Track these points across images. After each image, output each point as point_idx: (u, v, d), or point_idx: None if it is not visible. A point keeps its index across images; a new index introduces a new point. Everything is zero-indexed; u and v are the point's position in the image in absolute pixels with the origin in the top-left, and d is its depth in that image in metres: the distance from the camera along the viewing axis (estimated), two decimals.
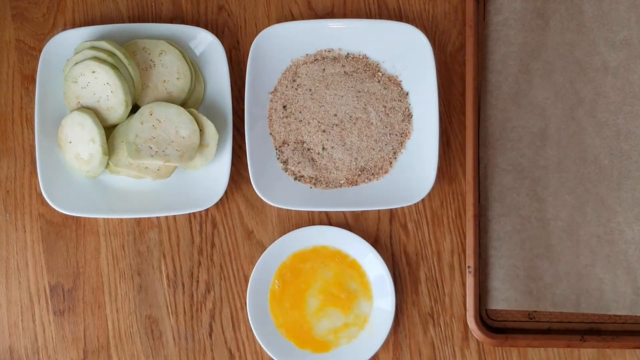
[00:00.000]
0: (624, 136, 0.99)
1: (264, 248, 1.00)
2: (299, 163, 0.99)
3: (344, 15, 1.02)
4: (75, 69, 0.94)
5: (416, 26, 1.00)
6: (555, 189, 0.99)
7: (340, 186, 1.00)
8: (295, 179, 1.00)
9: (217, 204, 1.01)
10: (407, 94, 1.00)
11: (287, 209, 1.01)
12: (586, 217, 0.98)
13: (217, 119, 0.99)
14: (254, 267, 0.99)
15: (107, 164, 0.96)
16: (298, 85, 1.00)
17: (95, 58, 0.94)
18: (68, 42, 0.97)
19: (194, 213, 1.01)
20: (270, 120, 1.00)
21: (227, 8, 1.03)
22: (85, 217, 1.01)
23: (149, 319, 1.01)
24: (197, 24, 1.02)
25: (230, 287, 1.01)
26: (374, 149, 0.99)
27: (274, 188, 0.98)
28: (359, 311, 0.99)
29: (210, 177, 0.99)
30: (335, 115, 1.00)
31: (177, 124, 0.95)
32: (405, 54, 0.99)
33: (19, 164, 1.01)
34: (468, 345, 1.00)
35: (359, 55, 1.01)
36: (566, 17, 1.00)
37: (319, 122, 1.00)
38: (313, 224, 1.01)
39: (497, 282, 0.98)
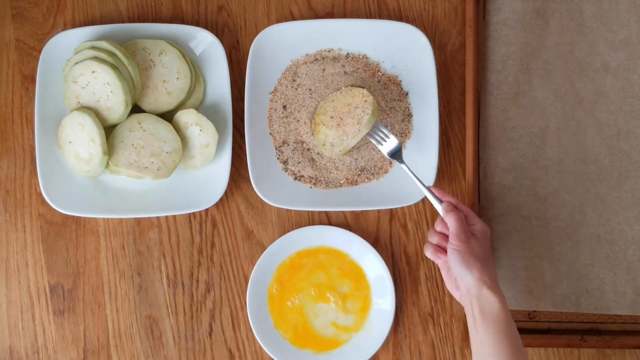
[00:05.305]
0: (624, 136, 0.99)
1: (264, 248, 1.00)
2: (299, 163, 1.00)
3: (344, 15, 1.02)
4: (75, 69, 0.94)
5: (416, 26, 1.00)
6: (555, 189, 0.99)
7: (340, 186, 1.00)
8: (295, 179, 1.00)
9: (217, 204, 1.01)
10: (407, 94, 1.00)
11: (287, 209, 1.01)
12: (586, 217, 0.98)
13: (217, 119, 0.99)
14: (254, 267, 0.99)
15: (107, 164, 0.96)
16: (298, 85, 1.00)
17: (95, 58, 0.94)
18: (68, 42, 0.97)
19: (194, 213, 1.01)
20: (270, 120, 1.00)
21: (227, 8, 1.03)
22: (85, 217, 1.01)
23: (149, 319, 1.01)
24: (197, 24, 1.02)
25: (230, 287, 1.01)
26: (374, 149, 0.99)
27: (274, 188, 0.98)
28: (358, 311, 0.99)
29: (210, 177, 0.99)
30: None
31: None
32: (405, 54, 0.99)
33: (19, 164, 1.01)
34: (468, 345, 1.00)
35: (359, 55, 1.01)
36: (566, 17, 1.00)
37: None
38: (313, 224, 1.01)
39: None
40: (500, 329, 0.83)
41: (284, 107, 1.00)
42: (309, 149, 1.00)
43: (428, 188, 0.91)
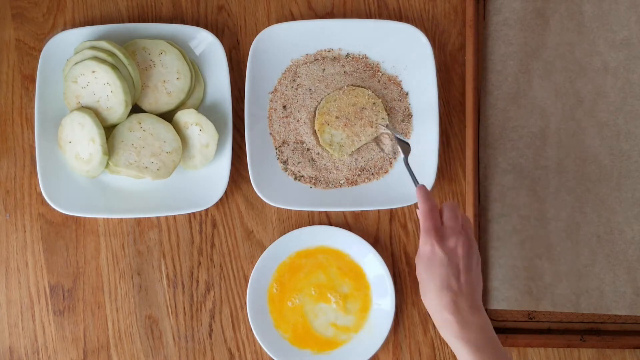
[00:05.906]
0: (624, 136, 0.99)
1: (263, 248, 1.00)
2: (298, 163, 0.99)
3: (344, 15, 1.02)
4: (75, 69, 0.94)
5: (416, 26, 1.00)
6: (555, 189, 0.99)
7: (340, 186, 1.00)
8: (295, 179, 1.00)
9: (217, 204, 1.01)
10: (407, 94, 1.00)
11: (287, 209, 1.01)
12: (586, 217, 0.98)
13: (217, 119, 0.99)
14: (254, 267, 0.99)
15: (107, 164, 0.96)
16: (298, 85, 1.00)
17: (95, 58, 0.94)
18: (68, 42, 0.97)
19: (193, 213, 1.01)
20: (270, 120, 1.00)
21: (227, 8, 1.03)
22: (85, 217, 1.01)
23: (149, 319, 1.01)
24: (197, 24, 1.02)
25: (230, 287, 1.01)
26: (373, 149, 0.99)
27: (274, 188, 0.98)
28: (358, 311, 0.99)
29: (210, 177, 0.99)
30: None
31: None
32: (405, 54, 0.99)
33: (19, 164, 1.01)
34: None
35: (359, 55, 1.01)
36: (566, 17, 1.00)
37: None
38: (313, 224, 1.01)
39: (497, 282, 0.98)
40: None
41: (284, 107, 1.00)
42: (309, 149, 1.00)
43: (418, 187, 0.86)
